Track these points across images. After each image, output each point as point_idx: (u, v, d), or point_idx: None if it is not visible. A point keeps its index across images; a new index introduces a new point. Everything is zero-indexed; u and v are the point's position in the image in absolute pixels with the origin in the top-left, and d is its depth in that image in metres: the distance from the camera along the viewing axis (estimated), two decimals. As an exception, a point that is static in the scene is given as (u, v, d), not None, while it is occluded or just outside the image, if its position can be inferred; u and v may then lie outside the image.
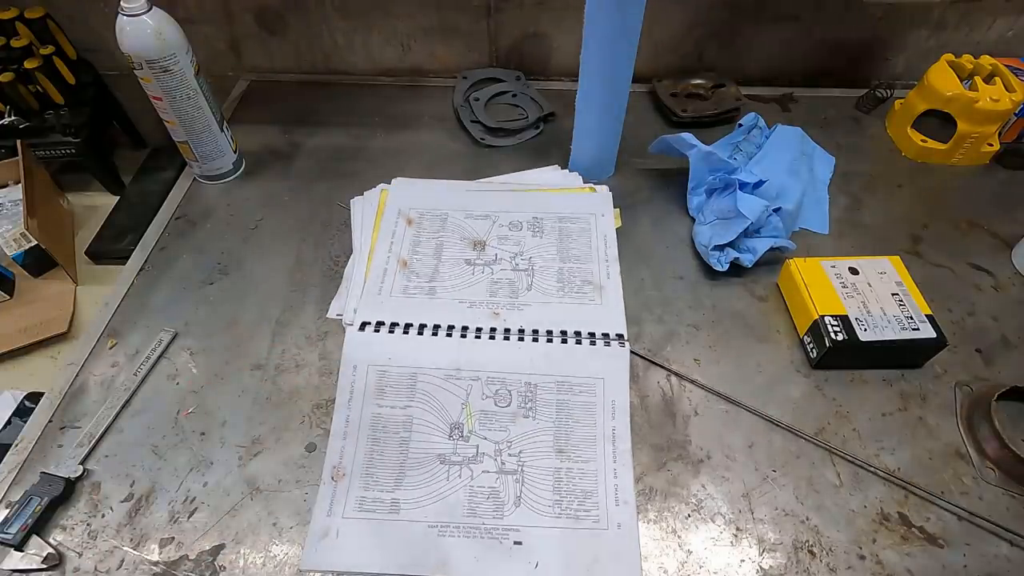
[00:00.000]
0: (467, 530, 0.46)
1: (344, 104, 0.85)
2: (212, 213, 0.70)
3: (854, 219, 0.69)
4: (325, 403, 0.53)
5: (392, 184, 0.71)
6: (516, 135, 0.79)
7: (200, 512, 0.47)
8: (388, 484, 0.48)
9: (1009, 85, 0.71)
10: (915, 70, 0.81)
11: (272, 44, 0.87)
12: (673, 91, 0.83)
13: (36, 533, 0.45)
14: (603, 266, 0.63)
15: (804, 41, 0.85)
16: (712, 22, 0.83)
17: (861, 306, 0.56)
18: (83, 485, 0.48)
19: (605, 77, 0.62)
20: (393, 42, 0.86)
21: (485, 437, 0.51)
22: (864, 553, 0.45)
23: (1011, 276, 0.64)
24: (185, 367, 0.56)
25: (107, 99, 0.88)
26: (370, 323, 0.57)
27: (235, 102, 0.85)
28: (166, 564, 0.44)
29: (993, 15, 0.81)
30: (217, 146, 0.70)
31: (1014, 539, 0.46)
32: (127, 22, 0.58)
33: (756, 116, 0.75)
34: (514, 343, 0.56)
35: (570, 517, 0.47)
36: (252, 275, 0.63)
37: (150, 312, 0.60)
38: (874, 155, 0.78)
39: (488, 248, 0.64)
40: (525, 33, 0.85)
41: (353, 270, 0.63)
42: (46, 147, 0.78)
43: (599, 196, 0.70)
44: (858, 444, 0.51)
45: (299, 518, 0.47)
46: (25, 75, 0.76)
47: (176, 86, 0.62)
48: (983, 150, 0.74)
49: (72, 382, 0.55)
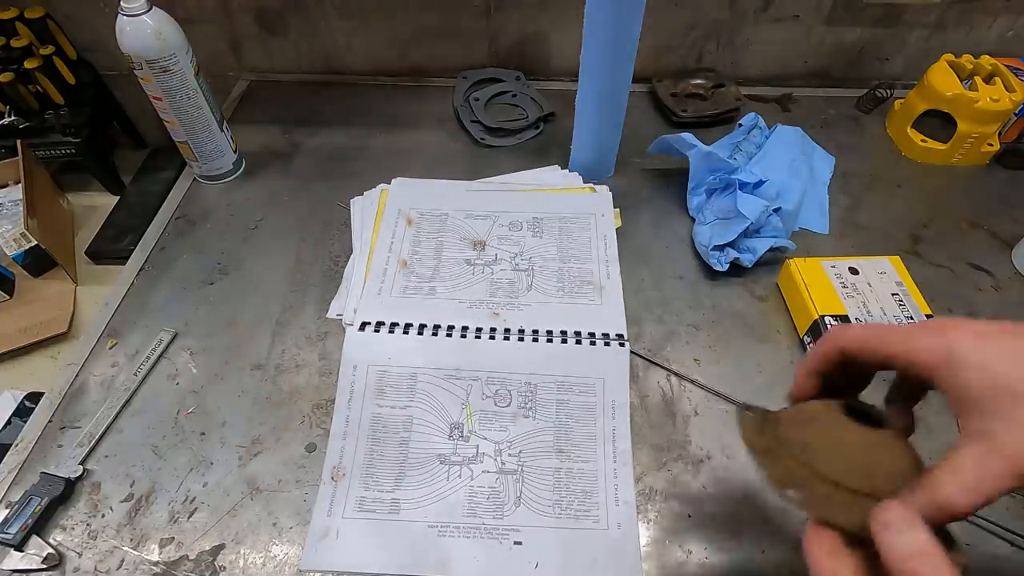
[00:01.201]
0: (467, 530, 0.46)
1: (344, 104, 0.85)
2: (212, 213, 0.70)
3: (854, 219, 0.69)
4: (325, 403, 0.53)
5: (392, 184, 0.71)
6: (516, 135, 0.79)
7: (200, 512, 0.47)
8: (388, 484, 0.48)
9: (1009, 85, 0.71)
10: (915, 70, 0.81)
11: (272, 44, 0.87)
12: (673, 91, 0.83)
13: (36, 533, 0.45)
14: (603, 266, 0.63)
15: (804, 41, 0.85)
16: (712, 22, 0.83)
17: (861, 306, 0.56)
18: (83, 485, 0.48)
19: (605, 77, 0.62)
20: (393, 42, 0.86)
21: (485, 437, 0.51)
22: (864, 553, 0.45)
23: (1011, 276, 0.64)
24: (185, 367, 0.56)
25: (107, 99, 0.88)
26: (370, 323, 0.57)
27: (235, 102, 0.85)
28: (166, 564, 0.44)
29: (993, 15, 0.81)
30: (217, 146, 0.70)
31: (1014, 539, 0.46)
32: (127, 22, 0.58)
33: (756, 116, 0.75)
34: (514, 343, 0.56)
35: (570, 517, 0.47)
36: (252, 275, 0.63)
37: (150, 312, 0.60)
38: (874, 155, 0.78)
39: (488, 248, 0.64)
40: (525, 33, 0.85)
41: (353, 270, 0.63)
42: (46, 147, 0.78)
43: (599, 196, 0.70)
44: (858, 444, 0.51)
45: (299, 518, 0.47)
46: (25, 75, 0.76)
47: (176, 86, 0.62)
48: (983, 150, 0.74)
49: (72, 382, 0.55)
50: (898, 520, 0.25)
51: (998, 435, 0.25)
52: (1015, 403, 0.25)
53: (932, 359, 0.27)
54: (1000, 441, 0.25)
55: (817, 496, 0.29)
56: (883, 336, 0.29)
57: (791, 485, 0.30)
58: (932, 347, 0.27)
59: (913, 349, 0.27)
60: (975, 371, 0.26)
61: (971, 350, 0.26)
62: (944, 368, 0.26)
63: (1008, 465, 0.24)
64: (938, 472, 0.26)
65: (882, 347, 0.28)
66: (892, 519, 0.25)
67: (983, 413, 0.25)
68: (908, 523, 0.25)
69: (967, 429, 0.26)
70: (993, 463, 0.25)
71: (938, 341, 0.27)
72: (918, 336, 0.27)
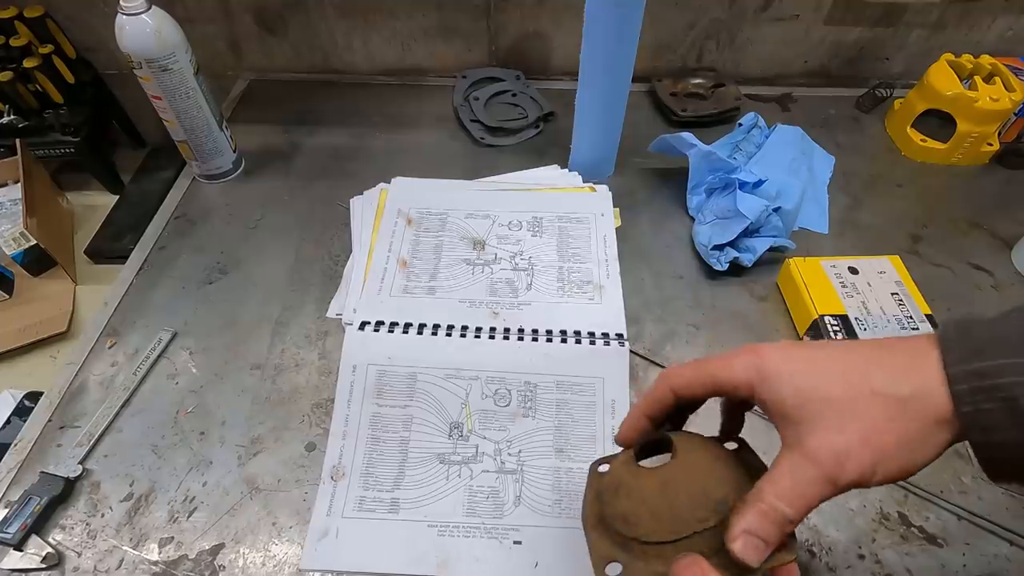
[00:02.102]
0: (467, 530, 0.46)
1: (344, 104, 0.85)
2: (212, 212, 0.70)
3: (854, 219, 0.69)
4: (325, 403, 0.53)
5: (392, 184, 0.71)
6: (516, 135, 0.79)
7: (200, 512, 0.47)
8: (388, 484, 0.48)
9: (1009, 85, 0.71)
10: (915, 70, 0.81)
11: (272, 43, 0.87)
12: (673, 91, 0.83)
13: (35, 533, 0.45)
14: (603, 266, 0.63)
15: (804, 40, 0.85)
16: (712, 22, 0.83)
17: (861, 306, 0.56)
18: (82, 485, 0.48)
19: (605, 77, 0.62)
20: (393, 42, 0.86)
21: (485, 437, 0.51)
22: (863, 552, 0.45)
23: (1011, 276, 0.64)
24: (185, 367, 0.56)
25: (107, 99, 0.87)
26: (370, 323, 0.57)
27: (235, 102, 0.85)
28: (166, 564, 0.44)
29: (993, 15, 0.81)
30: (216, 145, 0.70)
31: (1014, 539, 0.46)
32: (126, 21, 0.58)
33: (756, 116, 0.75)
34: (514, 343, 0.56)
35: (570, 517, 0.47)
36: (252, 275, 0.63)
37: (149, 311, 0.60)
38: (874, 155, 0.78)
39: (488, 248, 0.64)
40: (525, 33, 0.85)
41: (353, 270, 0.63)
42: (45, 146, 0.78)
43: (599, 196, 0.70)
44: (858, 444, 0.51)
45: (299, 518, 0.47)
46: (24, 74, 0.76)
47: (176, 85, 0.62)
48: (983, 150, 0.74)
49: (71, 382, 0.55)
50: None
51: (807, 442, 0.26)
52: (820, 411, 0.26)
53: (748, 376, 0.28)
54: (809, 447, 0.26)
55: (641, 561, 0.29)
56: (706, 367, 0.30)
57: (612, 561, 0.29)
58: (747, 365, 0.28)
59: (731, 371, 0.29)
60: (785, 383, 0.27)
61: (780, 364, 0.28)
62: (758, 384, 0.28)
63: (819, 471, 0.26)
64: (761, 483, 0.27)
65: (707, 378, 0.30)
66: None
67: (795, 422, 0.27)
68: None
69: (784, 439, 0.28)
70: (806, 470, 0.26)
71: (751, 360, 0.28)
72: (735, 359, 0.29)
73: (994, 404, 0.24)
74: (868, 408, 0.26)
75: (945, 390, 0.25)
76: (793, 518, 0.26)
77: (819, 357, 0.28)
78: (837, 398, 0.26)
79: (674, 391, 0.32)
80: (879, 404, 0.26)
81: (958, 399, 0.25)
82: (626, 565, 0.29)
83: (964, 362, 0.25)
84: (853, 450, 0.25)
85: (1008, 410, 0.24)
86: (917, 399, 0.26)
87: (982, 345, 0.25)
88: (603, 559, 0.30)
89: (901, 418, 0.26)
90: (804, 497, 0.26)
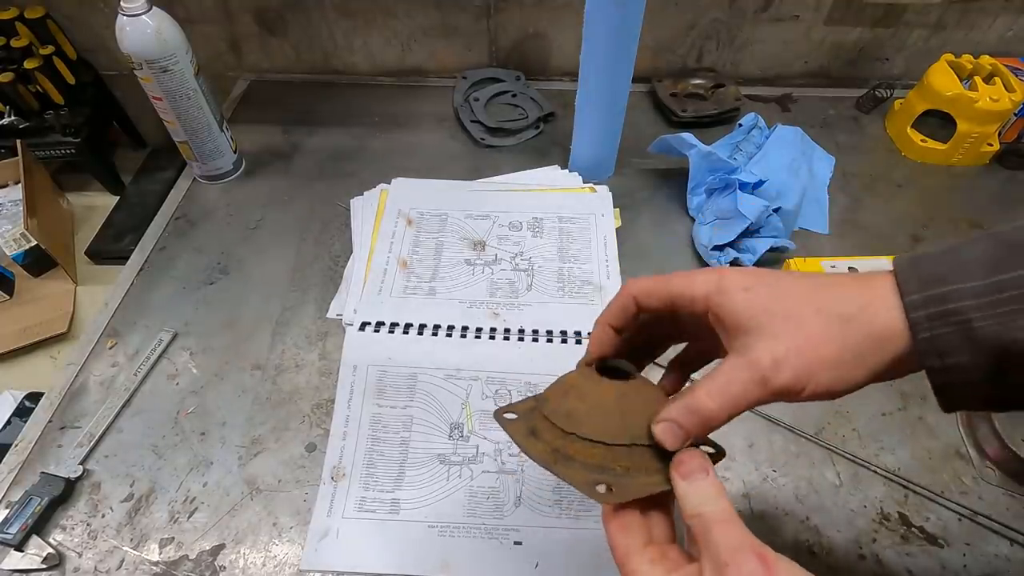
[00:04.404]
0: (467, 530, 0.46)
1: (344, 104, 0.85)
2: (212, 213, 0.70)
3: (854, 219, 0.69)
4: (325, 403, 0.53)
5: (392, 184, 0.71)
6: (516, 135, 0.79)
7: (200, 512, 0.47)
8: (388, 484, 0.48)
9: (1009, 85, 0.71)
10: (915, 70, 0.81)
11: (272, 44, 0.87)
12: (673, 91, 0.83)
13: (36, 533, 0.45)
14: (603, 266, 0.63)
15: (804, 41, 0.85)
16: (712, 22, 0.83)
17: (861, 306, 0.56)
18: (83, 485, 0.48)
19: (605, 77, 0.62)
20: (393, 42, 0.86)
21: (485, 437, 0.51)
22: (864, 553, 0.45)
23: (1011, 276, 0.64)
24: (185, 367, 0.56)
25: (107, 99, 0.88)
26: (370, 323, 0.57)
27: (235, 102, 0.85)
28: (166, 564, 0.44)
29: (993, 15, 0.81)
30: (217, 146, 0.70)
31: (1014, 539, 0.46)
32: (127, 22, 0.58)
33: (756, 116, 0.75)
34: (514, 343, 0.56)
35: (570, 517, 0.47)
36: (252, 275, 0.63)
37: (150, 312, 0.60)
38: (874, 155, 0.78)
39: (488, 248, 0.64)
40: (525, 33, 0.85)
41: (353, 270, 0.63)
42: (46, 147, 0.78)
43: (599, 196, 0.70)
44: (858, 444, 0.51)
45: (299, 518, 0.47)
46: (25, 75, 0.76)
47: (176, 86, 0.62)
48: (983, 150, 0.74)
49: (72, 382, 0.55)
50: (698, 469, 0.27)
51: (752, 348, 0.27)
52: (767, 322, 0.28)
53: (706, 288, 0.30)
54: (752, 351, 0.27)
55: (584, 461, 0.29)
56: (669, 279, 0.31)
57: (556, 459, 0.29)
58: (707, 280, 0.30)
59: (692, 284, 0.30)
60: (740, 297, 0.28)
61: (739, 280, 0.29)
62: (715, 296, 0.29)
63: (751, 372, 0.27)
64: (697, 383, 0.28)
65: (667, 287, 0.31)
66: (693, 468, 0.27)
67: (745, 331, 0.28)
68: (704, 471, 0.27)
69: (731, 347, 0.29)
70: (740, 371, 0.27)
71: (712, 276, 0.30)
72: (697, 274, 0.30)
73: (949, 328, 0.25)
74: (811, 322, 0.27)
75: (897, 314, 0.26)
76: (717, 414, 0.27)
77: (777, 279, 0.29)
78: (783, 312, 0.28)
79: (636, 298, 0.33)
80: (822, 319, 0.27)
81: (915, 326, 0.26)
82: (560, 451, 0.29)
83: (919, 290, 0.26)
84: (789, 357, 0.27)
85: (962, 332, 0.25)
86: (860, 319, 0.27)
87: (935, 273, 0.26)
88: (541, 459, 0.30)
89: (840, 335, 0.27)
90: (732, 395, 0.27)
